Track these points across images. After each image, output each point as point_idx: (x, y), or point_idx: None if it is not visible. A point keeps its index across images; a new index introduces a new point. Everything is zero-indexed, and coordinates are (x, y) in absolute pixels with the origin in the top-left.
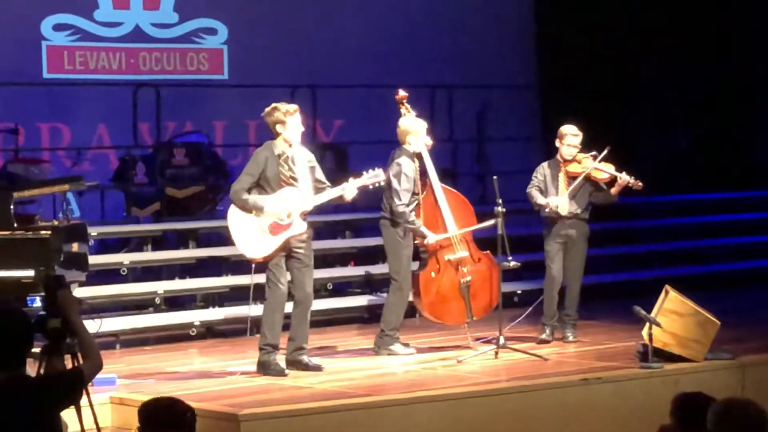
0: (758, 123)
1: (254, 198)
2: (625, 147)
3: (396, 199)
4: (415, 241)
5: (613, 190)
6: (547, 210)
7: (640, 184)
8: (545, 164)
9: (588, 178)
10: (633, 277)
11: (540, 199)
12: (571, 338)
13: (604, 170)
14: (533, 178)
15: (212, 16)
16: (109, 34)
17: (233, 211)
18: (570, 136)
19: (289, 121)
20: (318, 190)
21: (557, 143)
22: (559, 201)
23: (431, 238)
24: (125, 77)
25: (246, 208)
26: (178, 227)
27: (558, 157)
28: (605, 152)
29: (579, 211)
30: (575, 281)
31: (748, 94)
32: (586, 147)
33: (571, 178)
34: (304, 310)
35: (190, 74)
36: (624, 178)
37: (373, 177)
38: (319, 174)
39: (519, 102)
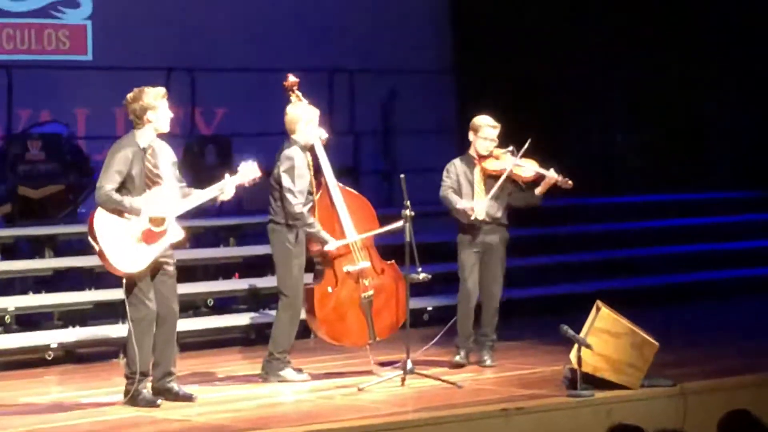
0: (709, 120)
1: (129, 199)
2: (551, 141)
3: (291, 198)
4: (313, 250)
5: (538, 190)
6: (473, 217)
7: (570, 182)
8: (456, 161)
9: (508, 177)
10: (559, 291)
11: (460, 204)
12: (488, 362)
13: (527, 167)
14: (444, 178)
15: None
16: None
17: (101, 216)
18: (487, 128)
19: (161, 107)
20: (180, 191)
21: (471, 136)
22: (480, 205)
23: (333, 245)
24: None
25: (120, 211)
26: (32, 233)
27: (471, 152)
28: (526, 146)
29: (499, 214)
30: (493, 296)
31: (696, 92)
32: (505, 141)
33: (489, 176)
34: (170, 329)
35: (48, 54)
36: (551, 175)
37: (248, 172)
38: (178, 173)
39: (431, 89)
